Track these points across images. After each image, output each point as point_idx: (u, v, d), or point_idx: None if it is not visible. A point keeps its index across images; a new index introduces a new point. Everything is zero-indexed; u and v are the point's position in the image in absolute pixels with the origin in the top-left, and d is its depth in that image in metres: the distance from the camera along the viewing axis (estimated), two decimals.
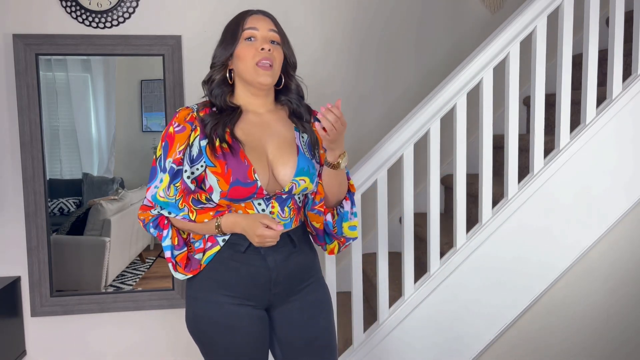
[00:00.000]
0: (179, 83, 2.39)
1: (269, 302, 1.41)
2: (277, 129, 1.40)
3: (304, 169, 1.36)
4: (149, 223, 1.39)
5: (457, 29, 2.71)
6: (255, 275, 1.36)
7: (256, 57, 1.33)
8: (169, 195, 1.34)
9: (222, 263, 1.37)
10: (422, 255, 2.43)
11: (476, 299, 2.01)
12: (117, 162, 2.55)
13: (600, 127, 2.03)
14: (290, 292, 1.42)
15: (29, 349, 2.44)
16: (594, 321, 2.13)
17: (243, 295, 1.37)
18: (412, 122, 1.93)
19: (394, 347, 1.99)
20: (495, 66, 1.97)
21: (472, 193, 2.36)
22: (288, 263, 1.39)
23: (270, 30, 1.36)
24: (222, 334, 1.37)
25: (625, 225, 2.09)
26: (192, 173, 1.34)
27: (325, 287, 1.51)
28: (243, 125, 1.38)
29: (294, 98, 1.44)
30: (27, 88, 2.29)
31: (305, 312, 1.43)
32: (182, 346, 2.53)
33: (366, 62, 2.66)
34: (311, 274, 1.46)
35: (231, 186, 1.30)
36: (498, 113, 2.60)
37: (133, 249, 2.64)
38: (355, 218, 1.49)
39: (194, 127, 1.34)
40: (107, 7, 2.34)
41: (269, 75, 1.34)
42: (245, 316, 1.37)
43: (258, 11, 1.40)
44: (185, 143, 1.33)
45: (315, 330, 1.43)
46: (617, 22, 2.02)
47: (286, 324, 1.43)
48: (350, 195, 1.48)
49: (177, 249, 1.39)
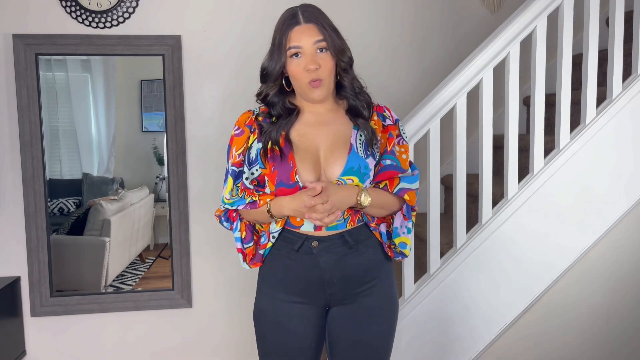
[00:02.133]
0: (179, 83, 2.39)
1: (325, 302, 1.40)
2: (333, 127, 1.38)
3: (353, 168, 1.33)
4: (222, 217, 1.46)
5: (457, 29, 2.71)
6: (309, 275, 1.37)
7: (306, 77, 1.31)
8: (233, 196, 1.40)
9: (280, 259, 1.40)
10: (422, 255, 2.43)
11: (476, 299, 2.01)
12: (117, 162, 2.55)
13: (600, 127, 2.03)
14: (348, 293, 1.39)
15: (28, 349, 2.44)
16: (594, 321, 2.13)
17: (298, 293, 1.39)
18: (412, 122, 1.93)
19: (395, 346, 1.99)
20: (495, 66, 1.97)
21: (472, 193, 2.36)
22: (342, 264, 1.37)
23: (316, 41, 1.31)
24: (270, 329, 1.41)
25: (625, 226, 2.09)
26: (252, 174, 1.38)
27: (389, 291, 1.44)
28: (299, 126, 1.38)
29: (349, 95, 1.41)
30: (27, 88, 2.29)
31: (359, 315, 1.40)
32: (182, 346, 2.53)
33: (365, 62, 2.65)
34: (372, 276, 1.40)
35: (277, 187, 1.33)
36: (498, 113, 2.60)
37: (133, 249, 2.64)
38: (409, 235, 1.43)
39: (252, 130, 1.39)
40: (107, 7, 2.34)
41: (321, 90, 1.33)
42: (295, 316, 1.39)
43: (302, 18, 1.32)
44: (244, 146, 1.39)
45: (364, 335, 1.40)
46: (617, 22, 2.02)
47: (337, 324, 1.42)
48: (407, 208, 1.42)
49: (246, 242, 1.43)
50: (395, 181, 1.40)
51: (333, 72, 1.36)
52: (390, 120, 1.44)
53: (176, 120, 2.40)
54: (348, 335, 1.41)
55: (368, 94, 1.43)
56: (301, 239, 1.36)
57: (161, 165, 2.54)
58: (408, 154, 1.44)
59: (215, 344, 2.56)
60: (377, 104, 1.45)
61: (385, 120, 1.44)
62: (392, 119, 1.44)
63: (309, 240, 1.36)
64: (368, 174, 1.36)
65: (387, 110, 1.45)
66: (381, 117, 1.44)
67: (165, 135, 2.42)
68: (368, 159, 1.36)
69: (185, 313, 2.51)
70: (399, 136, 1.44)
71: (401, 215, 1.42)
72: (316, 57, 1.31)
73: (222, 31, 2.44)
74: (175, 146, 2.41)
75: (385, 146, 1.41)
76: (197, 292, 2.51)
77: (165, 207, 2.54)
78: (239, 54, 2.45)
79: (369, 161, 1.36)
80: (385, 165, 1.40)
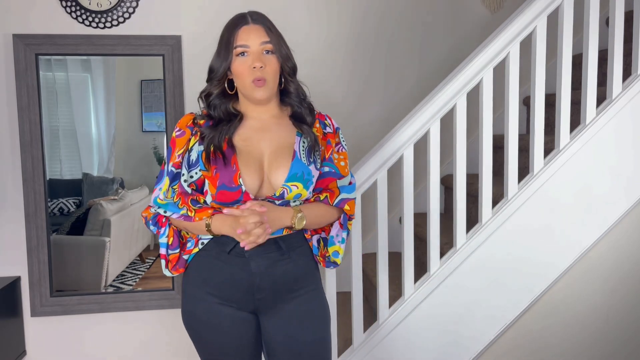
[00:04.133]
0: (179, 83, 2.39)
1: (254, 307, 1.39)
2: (277, 134, 1.39)
3: (297, 174, 1.34)
4: (149, 220, 1.43)
5: (457, 29, 2.71)
6: (238, 278, 1.36)
7: (250, 75, 1.32)
8: (167, 197, 1.37)
9: (208, 260, 1.38)
10: (422, 255, 2.43)
11: (476, 299, 2.01)
12: (117, 162, 2.55)
13: (600, 127, 2.02)
14: (277, 300, 1.39)
15: (28, 349, 2.44)
16: (594, 321, 2.13)
17: (226, 297, 1.37)
18: (412, 122, 1.93)
19: (394, 347, 1.99)
20: (495, 66, 1.97)
21: (472, 193, 2.35)
22: (274, 270, 1.36)
23: (262, 42, 1.33)
24: (206, 331, 1.39)
25: (625, 226, 2.09)
26: (191, 177, 1.37)
27: (321, 298, 1.45)
28: (243, 131, 1.38)
29: (294, 101, 1.42)
30: (27, 88, 2.29)
31: (293, 323, 1.39)
32: (182, 346, 2.53)
33: (366, 62, 2.66)
34: (303, 284, 1.41)
35: (218, 190, 1.31)
36: (498, 113, 2.60)
37: (133, 249, 2.64)
38: (342, 244, 1.45)
39: (194, 132, 1.37)
40: (107, 7, 2.34)
41: (264, 91, 1.34)
42: (228, 316, 1.38)
43: (250, 19, 1.36)
44: (185, 147, 1.37)
45: (301, 342, 1.40)
46: (617, 22, 2.02)
47: (272, 332, 1.40)
48: (344, 218, 1.45)
49: (171, 249, 1.41)
50: (335, 192, 1.42)
51: (277, 75, 1.37)
52: (330, 129, 1.46)
53: (176, 120, 2.40)
54: (283, 346, 1.40)
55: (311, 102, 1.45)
56: (234, 241, 1.34)
57: (161, 165, 2.53)
58: (347, 162, 1.46)
59: None
60: (318, 111, 1.47)
61: (325, 128, 1.45)
62: (332, 127, 1.46)
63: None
64: (311, 180, 1.37)
65: (329, 119, 1.47)
66: (322, 125, 1.45)
67: (165, 135, 2.42)
68: (310, 166, 1.37)
69: None
70: (339, 144, 1.46)
71: (338, 225, 1.44)
72: (262, 57, 1.33)
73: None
74: None
75: (324, 153, 1.43)
76: None
77: None
78: None
79: (312, 168, 1.38)
80: (324, 172, 1.42)
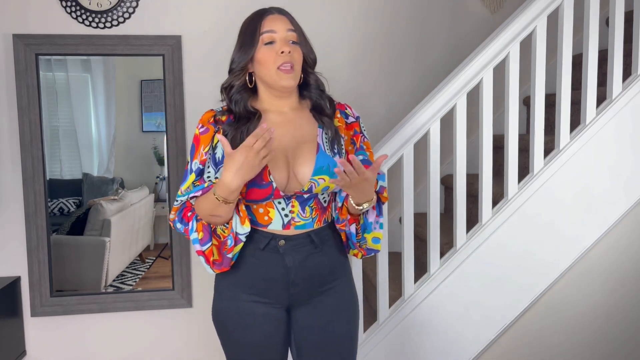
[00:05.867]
0: (179, 83, 2.39)
1: (288, 302, 1.40)
2: (299, 127, 1.38)
3: (323, 167, 1.33)
4: (176, 219, 1.39)
5: (457, 29, 2.71)
6: (273, 274, 1.36)
7: (277, 61, 1.31)
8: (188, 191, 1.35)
9: (243, 259, 1.37)
10: (422, 255, 2.43)
11: (476, 299, 2.01)
12: (117, 162, 2.55)
13: (600, 127, 2.03)
14: (311, 293, 1.39)
15: (28, 349, 2.44)
16: (594, 321, 2.13)
17: (261, 293, 1.37)
18: (412, 122, 1.93)
19: (394, 347, 1.99)
20: (495, 66, 1.97)
21: (472, 193, 2.36)
22: (307, 263, 1.36)
23: (289, 30, 1.34)
24: (236, 329, 1.39)
25: (625, 226, 2.09)
26: (217, 177, 1.34)
27: (352, 290, 1.46)
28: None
29: (314, 93, 1.42)
30: (27, 88, 2.29)
31: (323, 315, 1.40)
32: (182, 346, 2.53)
33: (366, 62, 2.65)
34: (335, 276, 1.42)
35: (248, 188, 1.30)
36: (498, 113, 2.60)
37: (133, 249, 2.64)
38: (381, 229, 1.44)
39: (217, 128, 1.36)
40: (107, 7, 2.34)
41: (292, 78, 1.33)
42: (260, 315, 1.38)
43: (274, 10, 1.37)
44: (210, 144, 1.35)
45: (329, 335, 1.41)
46: (617, 22, 2.02)
47: (302, 326, 1.41)
48: (379, 205, 1.42)
49: (203, 244, 1.35)
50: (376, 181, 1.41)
51: (301, 67, 1.37)
52: (352, 118, 1.46)
53: (176, 120, 2.40)
54: (313, 337, 1.41)
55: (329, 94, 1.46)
56: (267, 238, 1.35)
57: (161, 165, 2.54)
58: (371, 151, 1.47)
59: (216, 344, 2.55)
60: (337, 102, 1.47)
61: (347, 118, 1.45)
62: (353, 115, 1.46)
63: (275, 239, 1.35)
64: None
65: (349, 108, 1.47)
66: (343, 115, 1.45)
67: (165, 135, 2.42)
68: (335, 157, 1.37)
69: (185, 313, 2.51)
70: (361, 133, 1.46)
71: (374, 212, 1.43)
72: (289, 45, 1.33)
73: (222, 31, 2.44)
74: (175, 146, 2.41)
75: (349, 143, 1.43)
76: (197, 292, 2.51)
77: (165, 207, 2.54)
78: None
79: (337, 159, 1.35)
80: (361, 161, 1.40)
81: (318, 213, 1.38)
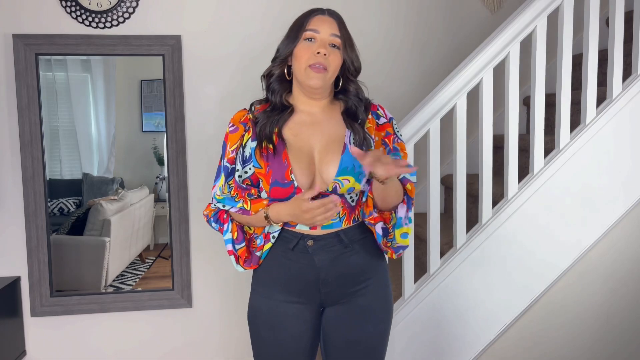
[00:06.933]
0: (179, 83, 2.39)
1: (320, 301, 1.40)
2: (327, 128, 1.39)
3: (348, 168, 1.33)
4: (211, 218, 1.43)
5: (457, 28, 2.71)
6: (304, 274, 1.37)
7: (310, 59, 1.32)
8: (224, 193, 1.39)
9: (276, 259, 1.39)
10: (422, 255, 2.43)
11: (476, 299, 2.01)
12: (117, 162, 2.55)
13: (600, 127, 2.03)
14: (343, 293, 1.39)
15: (28, 349, 2.44)
16: (594, 322, 2.13)
17: (295, 293, 1.38)
18: (412, 121, 1.93)
19: (394, 347, 1.99)
20: (495, 66, 1.97)
21: (472, 193, 2.36)
22: (337, 263, 1.37)
23: (332, 34, 1.34)
24: (266, 328, 1.40)
25: (624, 226, 2.09)
26: (245, 172, 1.38)
27: (384, 290, 1.44)
28: (293, 125, 1.38)
29: (352, 100, 1.42)
30: (27, 88, 2.29)
31: (354, 315, 1.40)
32: (182, 346, 2.53)
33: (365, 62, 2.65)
34: (367, 275, 1.41)
35: (271, 186, 1.33)
36: (498, 113, 2.60)
37: (133, 249, 2.64)
38: (410, 224, 1.41)
39: (247, 128, 1.39)
40: (107, 7, 2.34)
41: (320, 79, 1.33)
42: (291, 316, 1.39)
43: (325, 11, 1.37)
44: (238, 143, 1.38)
45: (359, 335, 1.41)
46: (617, 22, 2.02)
47: (332, 325, 1.41)
48: (408, 199, 1.40)
49: (237, 243, 1.41)
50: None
51: (336, 71, 1.37)
52: (384, 119, 1.45)
53: (176, 120, 2.40)
54: (343, 335, 1.41)
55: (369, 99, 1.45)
56: (296, 237, 1.36)
57: (161, 165, 2.54)
58: (405, 152, 1.45)
59: (216, 344, 2.56)
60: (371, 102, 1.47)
61: (379, 119, 1.45)
62: (386, 117, 1.46)
63: (304, 239, 1.36)
64: (363, 173, 1.35)
65: (381, 109, 1.46)
66: (375, 116, 1.44)
67: (165, 135, 2.42)
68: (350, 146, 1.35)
69: (185, 313, 2.51)
70: (395, 135, 1.45)
71: (404, 206, 1.40)
72: (328, 48, 1.33)
73: (222, 31, 2.44)
74: (175, 146, 2.41)
75: (379, 144, 1.42)
76: (197, 292, 2.51)
77: (165, 207, 2.54)
78: (239, 54, 2.45)
79: (350, 147, 1.35)
80: None
81: (346, 212, 1.38)
